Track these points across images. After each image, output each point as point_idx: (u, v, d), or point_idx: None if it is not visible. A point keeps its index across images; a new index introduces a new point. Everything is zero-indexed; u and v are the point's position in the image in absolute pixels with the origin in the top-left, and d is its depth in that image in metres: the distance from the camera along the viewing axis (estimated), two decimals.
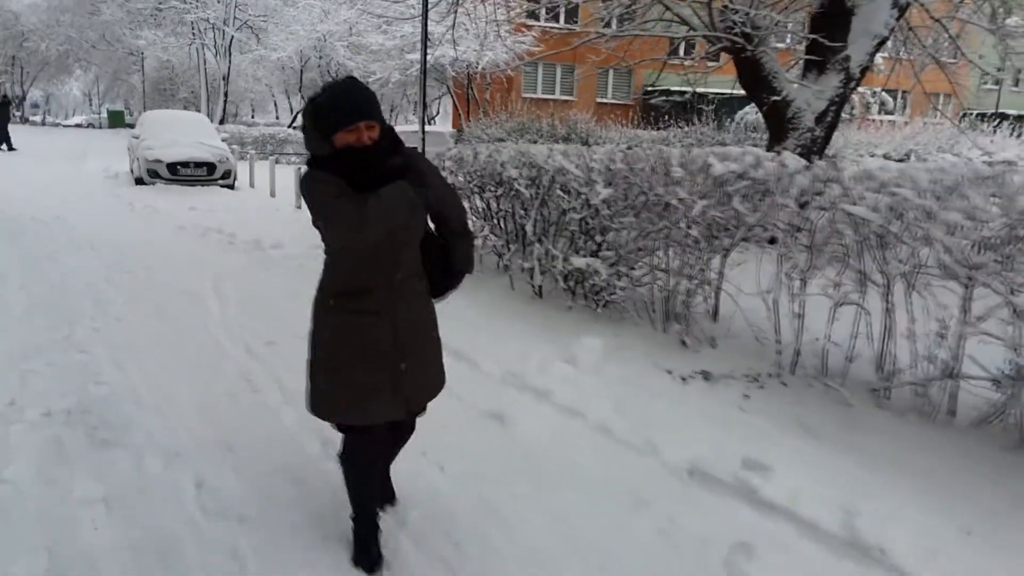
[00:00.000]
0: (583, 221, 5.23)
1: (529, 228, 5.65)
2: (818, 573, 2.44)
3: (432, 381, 2.44)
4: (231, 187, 14.40)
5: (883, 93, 18.73)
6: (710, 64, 10.30)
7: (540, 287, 5.79)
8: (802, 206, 3.86)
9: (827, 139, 8.52)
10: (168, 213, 10.86)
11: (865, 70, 8.70)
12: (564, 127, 15.04)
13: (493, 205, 6.35)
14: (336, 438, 2.48)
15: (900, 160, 16.70)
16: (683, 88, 19.32)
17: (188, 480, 2.87)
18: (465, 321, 4.80)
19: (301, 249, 8.41)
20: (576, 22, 16.12)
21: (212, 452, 3.12)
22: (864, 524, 2.61)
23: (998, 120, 21.66)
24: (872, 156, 16.39)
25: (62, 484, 2.82)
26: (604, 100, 28.47)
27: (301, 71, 28.99)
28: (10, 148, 20.56)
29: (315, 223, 2.20)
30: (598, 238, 5.17)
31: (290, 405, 3.67)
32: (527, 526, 2.69)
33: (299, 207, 12.02)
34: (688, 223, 4.42)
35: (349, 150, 2.10)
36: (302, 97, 30.59)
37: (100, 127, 43.26)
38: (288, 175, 13.07)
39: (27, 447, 3.10)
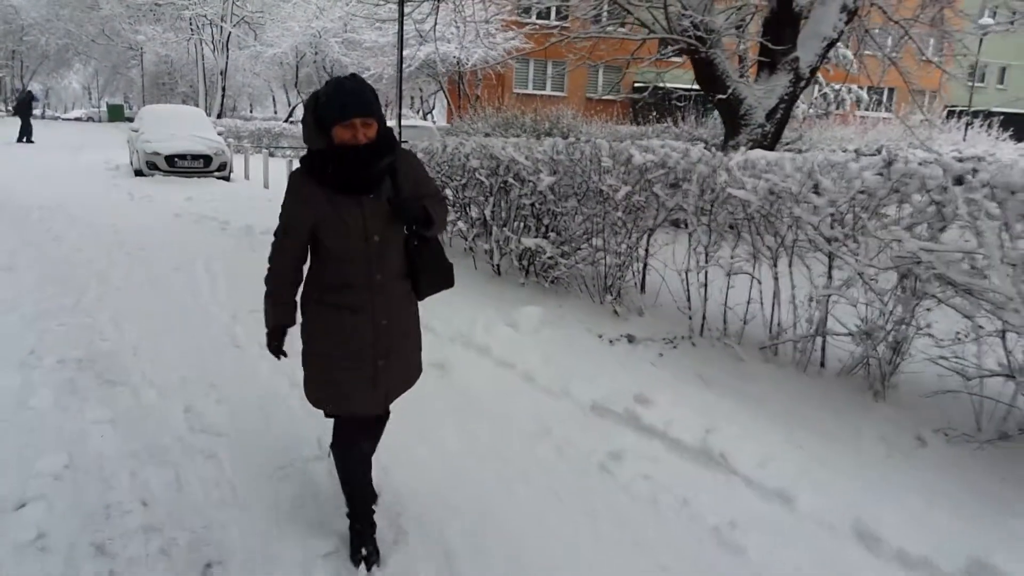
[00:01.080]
0: (532, 206, 5.89)
1: (488, 213, 6.32)
2: (669, 471, 3.11)
3: (408, 374, 2.51)
4: (227, 179, 15.04)
5: (858, 90, 19.35)
6: (674, 60, 10.89)
7: (498, 266, 6.46)
8: (703, 192, 4.52)
9: (778, 134, 9.17)
10: (165, 202, 11.48)
11: (815, 70, 9.37)
12: (547, 122, 15.67)
13: (459, 193, 7.01)
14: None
15: (871, 155, 17.32)
16: (668, 85, 19.99)
17: (178, 407, 3.53)
18: (432, 297, 5.47)
19: None
20: (566, 19, 16.69)
21: (198, 388, 3.78)
22: (716, 440, 3.28)
23: (979, 117, 22.27)
24: (844, 151, 16.97)
25: (75, 410, 3.48)
26: (594, 96, 29.05)
27: (297, 67, 29.60)
28: (29, 140, 22.07)
29: (290, 220, 2.26)
30: (546, 220, 5.83)
31: (266, 358, 4.32)
32: (451, 449, 3.35)
33: None
34: (615, 206, 5.08)
35: (343, 148, 2.14)
36: (298, 92, 31.20)
37: (100, 121, 43.84)
38: (282, 168, 13.70)
39: (46, 384, 3.76)
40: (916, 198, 3.49)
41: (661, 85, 10.89)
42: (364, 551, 2.41)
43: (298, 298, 2.39)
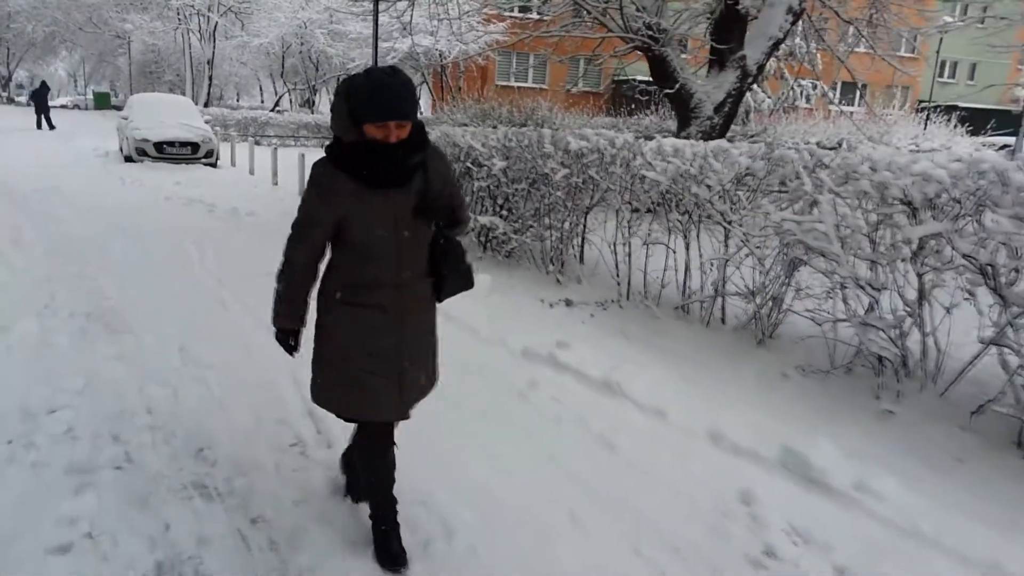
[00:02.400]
0: (488, 188, 6.62)
1: None
2: (574, 396, 3.86)
3: (426, 381, 2.42)
4: (214, 165, 15.65)
5: (822, 85, 20.17)
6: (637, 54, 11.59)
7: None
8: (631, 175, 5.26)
9: (726, 126, 9.92)
10: (155, 186, 12.11)
11: (762, 67, 10.14)
12: (522, 114, 16.37)
13: None
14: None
15: (832, 148, 18.14)
16: (638, 79, 20.74)
17: (174, 348, 4.25)
18: None
19: (273, 216, 9.76)
20: (549, 14, 17.34)
21: (192, 336, 4.49)
22: (616, 375, 4.03)
23: (940, 111, 23.13)
24: (806, 143, 17.78)
25: (88, 348, 4.19)
26: (577, 88, 29.73)
27: (283, 57, 30.09)
28: (51, 127, 24.31)
29: (314, 213, 2.15)
30: (500, 201, 6.56)
31: (250, 316, 5.02)
32: None
33: (276, 184, 13.32)
34: (556, 187, 5.82)
35: (374, 144, 2.07)
36: (284, 82, 31.69)
37: (87, 108, 44.05)
38: (267, 155, 14.28)
39: (61, 331, 4.46)
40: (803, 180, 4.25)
41: (625, 78, 11.58)
42: (394, 549, 2.36)
43: (312, 298, 2.29)
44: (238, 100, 44.57)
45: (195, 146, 15.24)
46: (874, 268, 3.80)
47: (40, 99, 24.76)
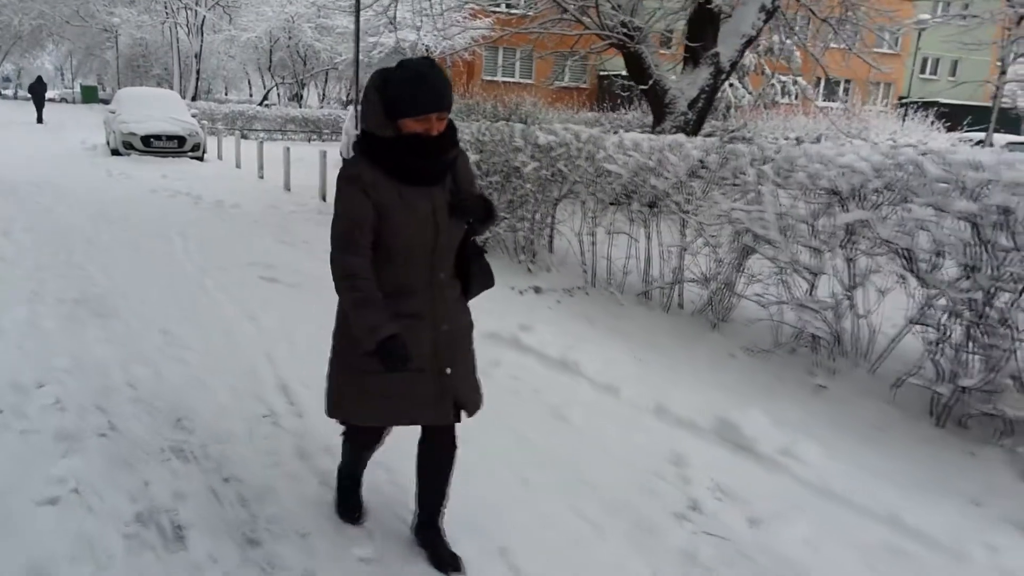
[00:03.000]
0: None
1: None
2: (532, 374, 4.13)
3: (475, 394, 2.34)
4: (200, 159, 15.81)
5: (802, 81, 20.46)
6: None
7: None
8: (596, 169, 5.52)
9: (700, 121, 10.19)
10: (142, 179, 12.28)
11: (735, 64, 10.41)
12: (506, 109, 16.61)
13: None
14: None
15: (813, 142, 18.49)
16: (619, 74, 20.98)
17: (156, 330, 4.48)
18: None
19: (257, 208, 10.01)
20: (531, 10, 17.55)
21: (174, 319, 4.72)
22: (574, 355, 4.30)
23: (917, 106, 23.51)
24: (787, 139, 18.14)
25: (76, 331, 4.42)
26: (562, 84, 29.95)
27: (271, 51, 30.17)
28: (39, 121, 25.47)
29: (355, 212, 2.04)
30: None
31: (230, 301, 5.25)
32: None
33: (261, 177, 13.52)
34: (526, 180, 6.08)
35: (414, 138, 2.00)
36: (272, 76, 31.77)
37: (74, 102, 43.92)
38: (255, 149, 14.42)
39: (50, 316, 4.68)
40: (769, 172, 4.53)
41: (607, 74, 11.79)
42: (352, 502, 2.57)
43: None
44: (226, 94, 44.52)
45: (181, 140, 15.40)
46: (814, 254, 4.08)
47: (37, 94, 25.91)
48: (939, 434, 3.40)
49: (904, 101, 36.33)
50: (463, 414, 2.30)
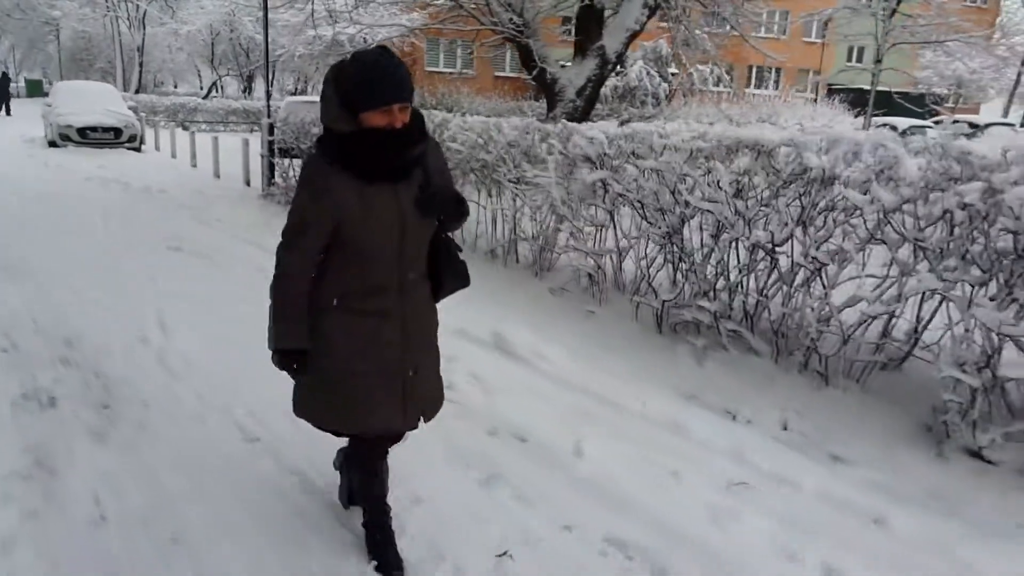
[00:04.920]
0: None
1: None
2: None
3: (437, 393, 2.34)
4: (137, 149, 16.44)
5: (720, 70, 21.76)
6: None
7: None
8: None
9: (588, 108, 11.24)
10: (77, 169, 12.94)
11: (620, 56, 11.49)
12: (433, 97, 17.58)
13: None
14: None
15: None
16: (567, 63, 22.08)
17: (65, 287, 5.38)
18: (277, 230, 7.42)
19: (184, 193, 10.82)
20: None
21: (81, 279, 5.61)
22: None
23: (821, 92, 24.99)
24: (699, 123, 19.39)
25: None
26: (502, 74, 30.88)
27: (212, 44, 30.56)
28: (8, 113, 26.75)
29: (308, 215, 2.01)
30: None
31: (136, 267, 6.15)
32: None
33: (195, 166, 14.25)
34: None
35: (376, 133, 1.93)
36: (214, 69, 32.14)
37: (18, 96, 43.49)
38: (192, 139, 15.08)
39: None
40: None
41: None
42: (387, 558, 2.31)
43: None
44: (176, 87, 44.55)
45: (118, 131, 16.02)
46: (594, 209, 5.14)
47: (1, 88, 27.26)
48: (660, 340, 4.48)
49: (833, 88, 37.95)
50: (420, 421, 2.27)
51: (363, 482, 2.42)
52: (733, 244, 3.97)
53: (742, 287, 4.05)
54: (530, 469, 3.04)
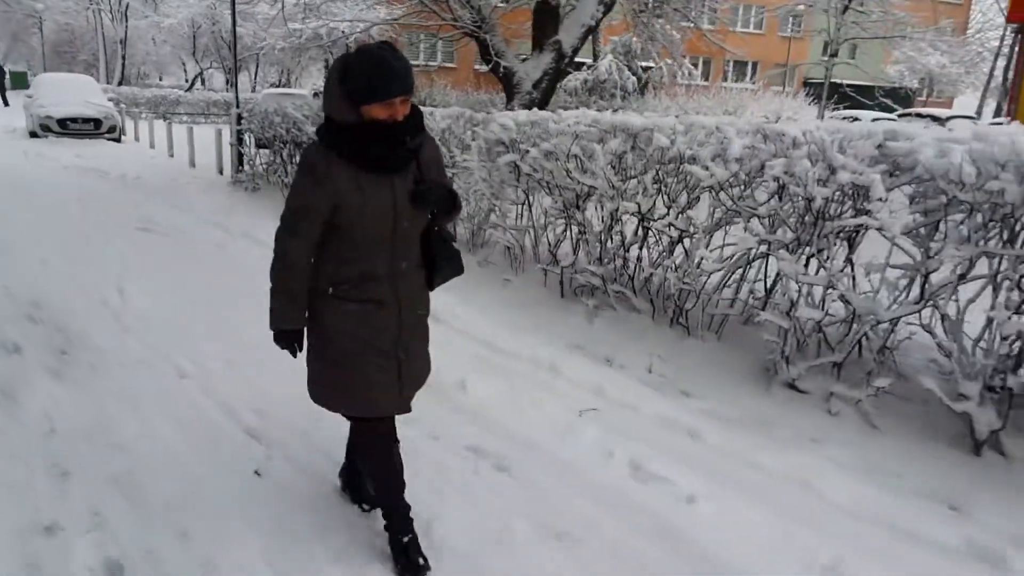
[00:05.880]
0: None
1: (285, 155, 8.79)
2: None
3: (423, 371, 2.41)
4: (117, 140, 16.90)
5: (688, 63, 22.35)
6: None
7: None
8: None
9: (545, 100, 11.80)
10: (56, 158, 13.42)
11: (576, 50, 12.05)
12: (421, 92, 18.11)
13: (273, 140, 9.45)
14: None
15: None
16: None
17: (37, 261, 5.92)
18: (242, 214, 8.00)
19: (159, 180, 11.34)
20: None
21: (53, 255, 6.14)
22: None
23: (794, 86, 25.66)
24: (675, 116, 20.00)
25: None
26: (481, 68, 31.38)
27: (194, 37, 30.90)
28: (6, 104, 27.44)
29: (308, 201, 2.06)
30: None
31: (105, 244, 6.69)
32: (246, 324, 5.84)
33: (172, 156, 14.73)
34: None
35: (377, 125, 2.01)
36: (197, 62, 32.49)
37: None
38: (177, 132, 15.54)
39: None
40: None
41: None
42: (413, 558, 2.31)
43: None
44: (160, 79, 44.77)
45: (97, 122, 16.47)
46: (513, 190, 5.72)
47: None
48: (561, 302, 5.07)
49: (808, 81, 38.67)
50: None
51: (377, 473, 2.41)
52: (615, 215, 4.56)
53: (625, 253, 4.65)
54: (418, 398, 3.62)
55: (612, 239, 4.67)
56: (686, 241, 4.24)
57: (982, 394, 2.96)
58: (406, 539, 2.34)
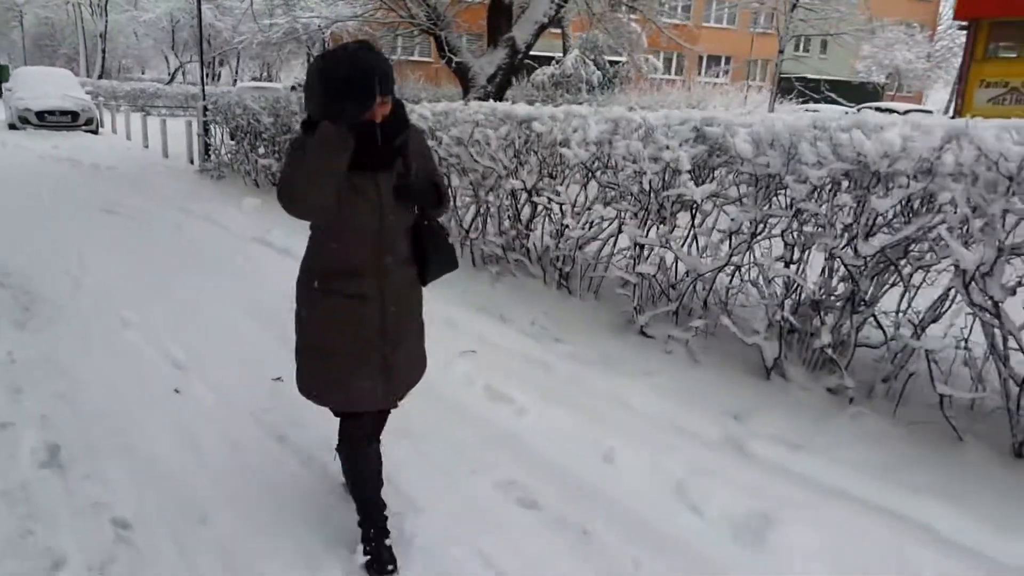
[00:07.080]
0: (265, 137, 9.01)
1: (246, 144, 9.42)
2: (261, 253, 6.36)
3: (415, 367, 2.42)
4: (95, 132, 17.45)
5: (652, 59, 23.01)
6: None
7: (256, 180, 9.59)
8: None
9: (499, 95, 12.44)
10: (34, 149, 13.98)
11: (530, 47, 12.71)
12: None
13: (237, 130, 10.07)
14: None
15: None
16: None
17: (7, 240, 6.55)
18: (205, 199, 8.65)
19: (132, 170, 11.94)
20: None
21: (22, 234, 6.78)
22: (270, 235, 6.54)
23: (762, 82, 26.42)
24: (631, 109, 20.65)
25: None
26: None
27: (173, 31, 31.33)
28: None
29: (297, 196, 1.99)
30: (272, 146, 8.98)
31: (70, 225, 7.31)
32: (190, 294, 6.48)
33: (147, 147, 15.30)
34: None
35: (358, 126, 1.98)
36: (176, 56, 32.91)
37: None
38: (149, 124, 16.07)
39: None
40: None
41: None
42: (384, 561, 2.31)
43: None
44: (143, 73, 45.05)
45: (75, 115, 17.02)
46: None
47: None
48: (472, 271, 5.74)
49: (782, 76, 39.33)
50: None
51: (358, 466, 2.39)
52: (514, 192, 5.25)
53: (519, 225, 5.34)
54: None
55: (510, 214, 5.36)
56: (564, 214, 4.93)
57: (768, 329, 3.67)
58: (374, 534, 2.35)
